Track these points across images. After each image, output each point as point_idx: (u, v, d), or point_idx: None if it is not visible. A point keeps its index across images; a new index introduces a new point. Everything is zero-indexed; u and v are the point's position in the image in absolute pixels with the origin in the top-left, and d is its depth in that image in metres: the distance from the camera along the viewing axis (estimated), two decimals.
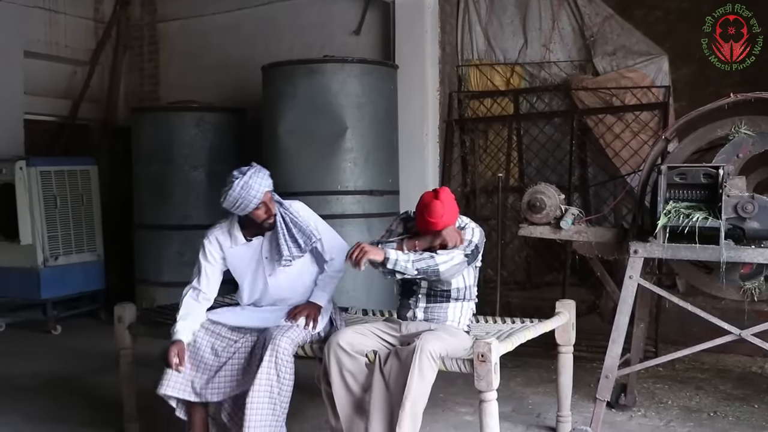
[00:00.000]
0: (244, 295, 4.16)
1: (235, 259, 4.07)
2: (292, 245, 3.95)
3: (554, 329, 4.32)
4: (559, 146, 7.09)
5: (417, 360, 3.49)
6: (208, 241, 4.07)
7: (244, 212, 3.89)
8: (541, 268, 7.28)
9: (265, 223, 3.94)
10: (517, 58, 7.38)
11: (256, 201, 3.84)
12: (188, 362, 3.88)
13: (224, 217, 4.14)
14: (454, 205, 3.76)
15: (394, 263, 3.61)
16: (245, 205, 3.84)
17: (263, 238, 4.04)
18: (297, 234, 3.97)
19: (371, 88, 6.53)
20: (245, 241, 4.04)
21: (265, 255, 4.04)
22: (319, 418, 4.34)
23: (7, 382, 5.75)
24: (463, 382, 4.85)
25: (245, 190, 3.82)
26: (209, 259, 4.04)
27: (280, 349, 3.75)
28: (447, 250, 3.72)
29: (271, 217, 3.93)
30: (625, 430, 4.53)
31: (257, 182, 3.85)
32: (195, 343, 3.92)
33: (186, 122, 7.48)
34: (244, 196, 3.82)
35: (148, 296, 7.40)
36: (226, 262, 4.08)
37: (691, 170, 4.03)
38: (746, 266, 4.18)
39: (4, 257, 7.60)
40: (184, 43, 8.90)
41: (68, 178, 7.82)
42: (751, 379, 5.56)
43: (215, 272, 4.06)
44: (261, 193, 3.85)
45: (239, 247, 4.05)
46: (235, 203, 3.84)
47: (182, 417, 4.00)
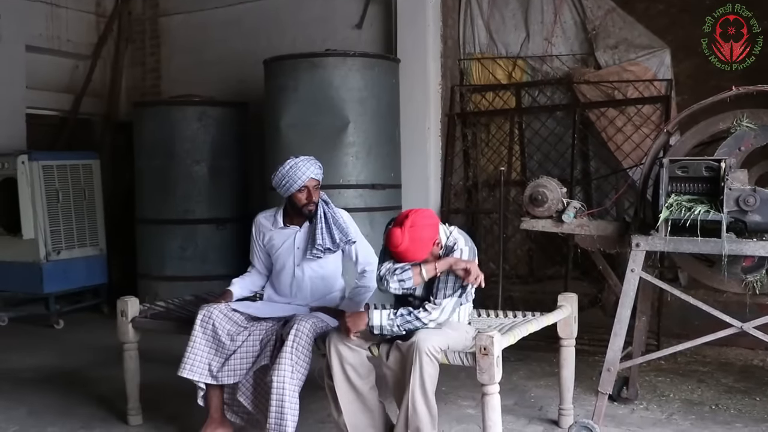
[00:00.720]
0: (272, 282, 4.45)
1: (272, 241, 4.37)
2: (327, 237, 4.22)
3: (556, 323, 4.33)
4: (561, 140, 7.08)
5: (417, 359, 3.49)
6: (254, 223, 4.48)
7: (288, 192, 4.17)
8: (544, 261, 7.29)
9: (305, 209, 4.20)
10: (519, 52, 7.38)
11: (299, 183, 4.13)
12: (206, 345, 4.09)
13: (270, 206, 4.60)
14: (425, 231, 3.57)
15: (379, 329, 3.63)
16: (289, 185, 4.14)
17: (299, 229, 4.30)
18: (335, 230, 4.24)
19: (373, 82, 6.52)
20: (282, 225, 4.32)
21: (297, 245, 4.28)
22: (321, 412, 4.35)
23: (11, 376, 5.77)
24: (466, 375, 4.86)
25: (293, 170, 4.13)
26: (255, 241, 4.47)
27: (303, 331, 3.88)
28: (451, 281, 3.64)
29: (312, 204, 4.20)
30: (627, 423, 4.54)
31: (306, 166, 4.16)
32: (214, 327, 4.09)
33: (188, 116, 7.47)
34: (291, 176, 4.13)
35: (151, 291, 7.41)
36: (266, 245, 4.42)
37: (692, 163, 4.02)
38: (748, 259, 4.18)
39: (6, 252, 7.61)
40: (185, 38, 8.89)
41: (70, 172, 7.83)
42: (752, 372, 5.57)
43: (262, 253, 4.47)
44: (307, 177, 4.14)
45: (276, 230, 4.35)
46: (282, 181, 4.16)
47: (201, 404, 4.20)
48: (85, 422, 4.71)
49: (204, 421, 4.23)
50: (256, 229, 4.45)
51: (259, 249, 4.46)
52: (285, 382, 3.84)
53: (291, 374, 3.86)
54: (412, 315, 3.61)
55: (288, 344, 3.87)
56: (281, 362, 3.86)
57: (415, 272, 3.59)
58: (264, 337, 4.06)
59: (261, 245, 4.44)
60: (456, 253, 3.66)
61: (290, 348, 3.86)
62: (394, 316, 3.61)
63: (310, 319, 3.97)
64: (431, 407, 3.56)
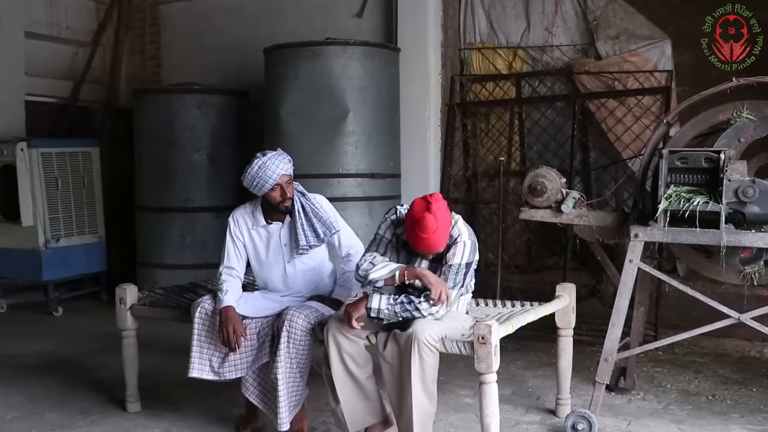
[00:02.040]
0: (262, 280, 4.31)
1: (255, 239, 4.22)
2: (310, 234, 4.11)
3: (554, 313, 4.34)
4: (561, 130, 7.08)
5: (415, 349, 3.49)
6: (233, 220, 4.24)
7: (261, 192, 4.05)
8: (542, 252, 7.29)
9: (281, 206, 4.08)
10: (519, 42, 7.36)
11: (271, 182, 4.00)
12: (205, 340, 4.07)
13: (249, 200, 4.30)
14: (447, 215, 3.59)
15: (377, 312, 3.61)
16: (261, 185, 4.01)
17: (282, 225, 4.18)
18: (316, 223, 4.13)
19: (373, 71, 6.51)
20: (265, 223, 4.19)
21: (284, 242, 4.18)
22: (319, 400, 4.37)
23: (10, 362, 5.78)
24: (464, 365, 4.87)
25: (262, 170, 3.98)
26: (234, 238, 4.22)
27: (296, 326, 3.88)
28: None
29: (287, 200, 4.07)
30: (624, 413, 4.55)
31: (275, 164, 4.00)
32: (211, 322, 4.07)
33: (188, 104, 7.47)
34: (261, 175, 3.98)
35: (150, 278, 7.42)
36: (246, 243, 4.22)
37: (692, 154, 4.02)
38: (746, 251, 4.18)
39: (5, 239, 7.62)
40: (186, 25, 8.86)
41: (70, 159, 7.82)
42: (749, 363, 5.59)
43: (242, 250, 4.23)
44: (277, 175, 3.99)
45: (260, 228, 4.20)
46: (252, 182, 4.02)
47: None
48: (83, 409, 4.73)
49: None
50: (236, 228, 4.20)
51: (237, 248, 4.21)
52: (286, 377, 3.87)
53: (290, 369, 3.88)
54: (413, 304, 3.59)
55: (283, 339, 3.87)
56: (279, 358, 3.87)
57: (389, 279, 3.63)
58: (261, 330, 4.05)
59: (241, 244, 4.21)
60: (459, 245, 3.65)
61: (285, 342, 3.87)
62: (394, 302, 3.61)
63: (303, 310, 3.96)
64: (431, 396, 3.57)
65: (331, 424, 4.09)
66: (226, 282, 4.12)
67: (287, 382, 3.89)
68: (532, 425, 4.39)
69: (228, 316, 3.98)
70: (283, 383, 3.87)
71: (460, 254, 3.65)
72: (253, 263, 4.27)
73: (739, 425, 4.33)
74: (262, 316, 4.10)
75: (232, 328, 3.94)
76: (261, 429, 4.29)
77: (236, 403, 4.45)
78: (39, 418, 4.58)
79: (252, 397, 4.09)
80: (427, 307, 3.58)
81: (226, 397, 4.66)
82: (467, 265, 3.68)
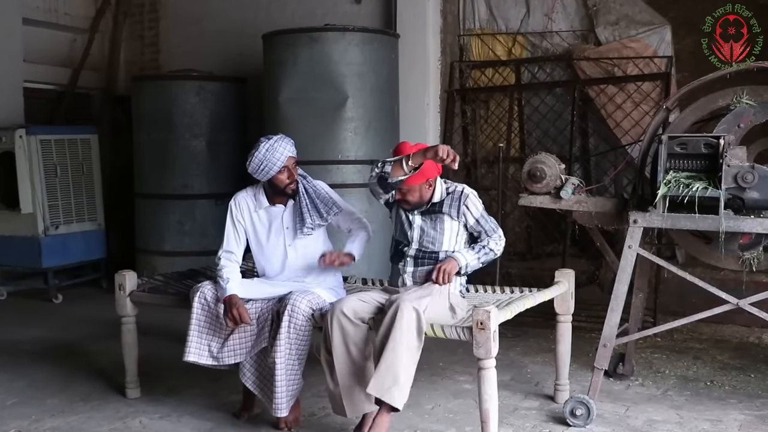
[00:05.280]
0: (261, 265, 4.30)
1: (256, 223, 4.22)
2: (314, 214, 4.13)
3: (553, 299, 4.34)
4: (561, 116, 7.06)
5: (400, 309, 3.56)
6: (234, 203, 4.24)
7: (268, 175, 4.05)
8: (542, 238, 7.30)
9: (288, 188, 4.10)
10: (519, 28, 7.33)
11: (279, 164, 4.01)
12: (204, 325, 4.09)
13: (251, 185, 4.31)
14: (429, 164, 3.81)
15: (465, 267, 3.95)
16: (269, 168, 4.02)
17: (285, 208, 4.19)
18: (319, 204, 4.15)
19: (372, 57, 6.49)
20: (268, 204, 4.20)
21: (286, 225, 4.18)
22: (318, 386, 4.38)
23: (11, 349, 5.79)
24: (463, 351, 4.89)
25: (270, 153, 4.00)
26: (235, 221, 4.23)
27: (298, 310, 3.89)
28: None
29: (293, 182, 4.10)
30: (623, 398, 4.57)
31: (282, 146, 4.04)
32: (210, 306, 4.08)
33: (186, 91, 7.45)
34: (269, 158, 3.99)
35: (149, 265, 7.42)
36: (247, 227, 4.23)
37: (691, 140, 4.02)
38: (745, 236, 4.19)
39: (4, 226, 7.61)
40: (184, 11, 8.83)
41: (68, 146, 7.80)
42: (748, 349, 5.60)
43: (242, 234, 4.24)
44: (285, 157, 4.02)
45: (262, 210, 4.21)
46: (260, 166, 4.02)
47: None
48: (83, 395, 4.74)
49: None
50: (238, 210, 4.21)
51: (238, 232, 4.21)
52: (285, 362, 3.88)
53: (290, 354, 3.89)
54: (487, 247, 4.01)
55: (284, 324, 3.88)
56: (279, 343, 3.87)
57: (396, 164, 3.76)
58: (261, 315, 4.06)
59: (242, 228, 4.21)
60: (469, 199, 3.98)
61: (286, 327, 3.88)
62: (475, 252, 3.98)
63: (306, 295, 3.97)
64: (411, 348, 3.58)
65: (329, 410, 4.10)
66: (225, 268, 4.11)
67: (285, 366, 3.89)
68: (531, 411, 4.40)
69: (233, 302, 3.97)
70: (281, 367, 3.87)
71: (474, 206, 4.01)
72: (253, 247, 4.27)
73: (737, 410, 4.35)
74: (261, 298, 4.11)
75: (237, 312, 3.95)
76: (258, 416, 4.30)
77: (236, 389, 4.45)
78: (40, 404, 4.59)
79: (249, 383, 4.10)
80: (495, 245, 4.03)
81: (226, 382, 4.67)
82: (486, 211, 4.06)
